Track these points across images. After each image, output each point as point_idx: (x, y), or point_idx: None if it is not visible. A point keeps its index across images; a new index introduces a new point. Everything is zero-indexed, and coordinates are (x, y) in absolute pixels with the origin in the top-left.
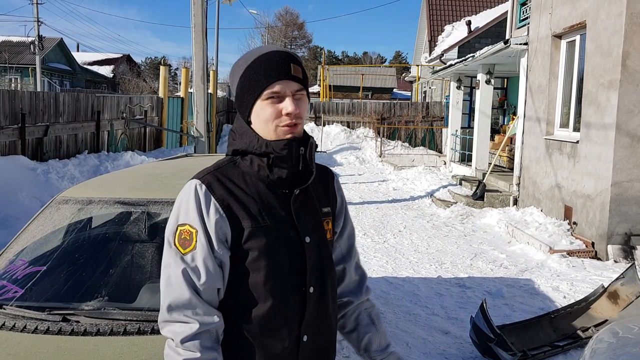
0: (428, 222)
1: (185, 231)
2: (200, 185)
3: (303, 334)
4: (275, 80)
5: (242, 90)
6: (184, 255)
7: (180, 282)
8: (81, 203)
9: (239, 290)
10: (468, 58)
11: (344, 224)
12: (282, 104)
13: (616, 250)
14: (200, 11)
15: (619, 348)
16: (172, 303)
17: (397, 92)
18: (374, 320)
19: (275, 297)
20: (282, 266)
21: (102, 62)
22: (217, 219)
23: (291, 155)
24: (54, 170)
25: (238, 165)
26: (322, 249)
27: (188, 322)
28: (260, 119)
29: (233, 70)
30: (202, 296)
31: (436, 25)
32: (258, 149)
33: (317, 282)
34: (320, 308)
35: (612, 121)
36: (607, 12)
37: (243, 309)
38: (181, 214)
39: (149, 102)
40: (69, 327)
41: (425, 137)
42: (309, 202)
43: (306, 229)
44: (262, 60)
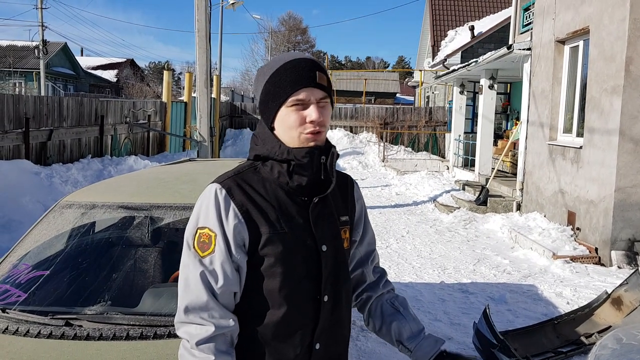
0: (431, 227)
1: (204, 234)
2: (220, 190)
3: (316, 342)
4: (301, 87)
5: (267, 96)
6: (202, 258)
7: (198, 285)
8: (84, 207)
9: (254, 295)
10: (471, 63)
11: (363, 232)
12: (307, 111)
13: (620, 256)
14: (204, 16)
15: (623, 354)
16: (189, 305)
17: (400, 97)
18: (398, 307)
19: (289, 304)
20: (297, 273)
21: (106, 67)
22: (235, 223)
23: (312, 163)
24: (58, 175)
25: (258, 171)
26: (339, 258)
27: (204, 324)
28: (284, 126)
29: (258, 75)
30: (219, 299)
31: (439, 30)
32: (279, 155)
33: (332, 290)
34: (334, 316)
35: (616, 127)
36: (610, 18)
37: (257, 314)
38: (201, 217)
39: (153, 107)
40: (71, 331)
41: (428, 142)
42: (328, 210)
43: (323, 237)
44: (288, 67)
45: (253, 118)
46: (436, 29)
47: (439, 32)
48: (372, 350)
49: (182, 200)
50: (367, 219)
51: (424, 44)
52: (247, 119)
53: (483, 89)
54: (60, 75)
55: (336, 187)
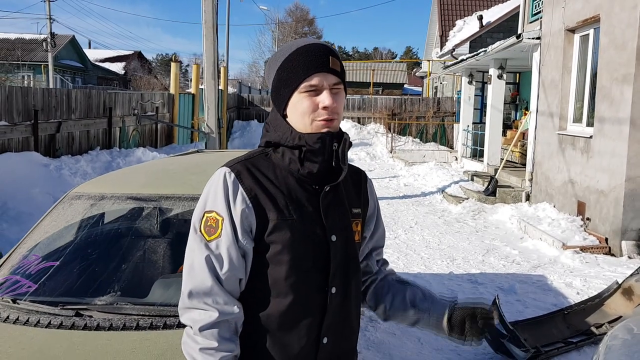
0: (439, 218)
1: (211, 218)
2: (229, 174)
3: (323, 336)
4: (314, 72)
5: (279, 82)
6: (208, 242)
7: (203, 269)
8: (94, 199)
9: (259, 283)
10: (480, 53)
11: (375, 228)
12: (320, 97)
13: (630, 246)
14: (211, 7)
15: (634, 345)
16: (193, 289)
17: (408, 87)
18: (406, 281)
19: (295, 294)
20: (304, 262)
21: (114, 59)
22: (243, 208)
23: (324, 149)
24: (67, 167)
25: (269, 157)
26: (349, 250)
27: (207, 309)
28: (296, 112)
29: (270, 62)
30: (223, 285)
31: (447, 20)
32: (291, 141)
33: (341, 283)
34: (343, 310)
35: (627, 116)
36: (621, 5)
37: (262, 302)
38: (209, 200)
39: (160, 99)
40: (81, 322)
41: (436, 133)
42: (339, 200)
43: (333, 227)
44: (300, 53)
45: (260, 110)
46: (444, 19)
47: (447, 22)
48: (380, 341)
49: (191, 191)
50: (380, 217)
51: (432, 34)
52: (254, 110)
53: (492, 79)
54: (69, 68)
55: (349, 179)
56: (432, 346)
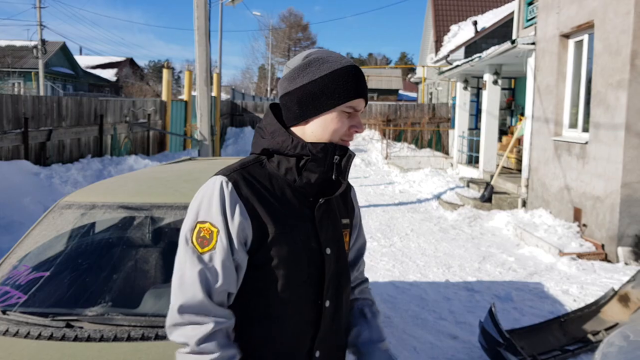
0: (435, 225)
1: (205, 229)
2: (227, 183)
3: (316, 349)
4: (361, 96)
5: (323, 89)
6: (201, 255)
7: (194, 283)
8: (84, 208)
9: (254, 296)
10: (475, 58)
11: (357, 236)
12: (354, 120)
13: (627, 252)
14: (204, 13)
15: (631, 352)
16: (184, 304)
17: (403, 93)
18: (367, 314)
19: (289, 307)
20: (300, 276)
21: (105, 66)
22: (241, 220)
23: (325, 159)
24: (57, 175)
25: (265, 166)
26: (340, 262)
27: (201, 322)
28: (328, 126)
29: (312, 62)
30: (214, 299)
31: (442, 26)
32: (292, 149)
33: (334, 296)
34: (335, 323)
35: (622, 121)
36: (615, 11)
37: (255, 316)
38: (202, 210)
39: (153, 106)
40: (72, 333)
41: (431, 139)
42: (332, 212)
43: (327, 240)
44: (351, 72)
45: (254, 116)
46: (439, 25)
47: (441, 27)
48: None
49: (184, 200)
50: (361, 225)
51: (426, 39)
52: (248, 117)
53: (487, 85)
54: (59, 74)
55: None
56: (428, 355)
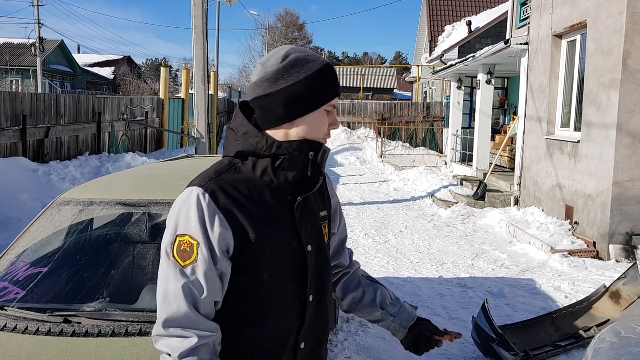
0: (429, 222)
1: (185, 242)
2: (204, 195)
3: (301, 342)
4: (339, 94)
5: (310, 90)
6: (183, 268)
7: (178, 297)
8: (83, 204)
9: (239, 300)
10: (469, 58)
11: (339, 221)
12: (331, 117)
13: (618, 250)
14: (201, 12)
15: (622, 348)
16: (169, 318)
17: (398, 92)
18: (374, 279)
19: (275, 308)
20: (283, 276)
21: (103, 64)
22: (221, 230)
23: (301, 157)
24: (55, 172)
25: (239, 170)
26: (321, 256)
27: (186, 336)
28: (313, 126)
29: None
30: (200, 311)
31: (436, 26)
32: (267, 150)
33: (317, 290)
34: (318, 315)
35: (614, 121)
36: (607, 12)
37: (243, 319)
38: (180, 224)
39: (150, 104)
40: (70, 328)
41: (426, 138)
42: (310, 209)
43: (308, 237)
44: (331, 71)
45: None
46: (433, 25)
47: (436, 27)
48: (370, 346)
49: None
50: (341, 210)
51: (421, 39)
52: None
53: (481, 84)
54: (57, 72)
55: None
56: None
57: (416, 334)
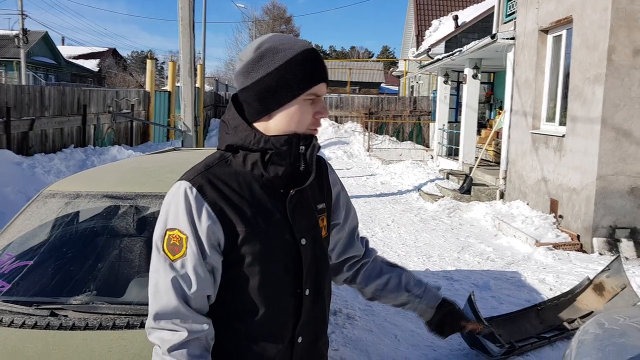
0: (416, 215)
1: (174, 236)
2: (191, 188)
3: (298, 336)
4: (320, 81)
5: (281, 81)
6: (173, 262)
7: (168, 291)
8: (68, 197)
9: (232, 295)
10: (455, 53)
11: (346, 212)
12: (317, 106)
13: (601, 242)
14: (188, 4)
15: (605, 339)
16: (159, 311)
17: (385, 86)
18: (395, 264)
19: (269, 302)
20: (277, 270)
21: (88, 56)
22: (209, 224)
23: (290, 151)
24: (40, 165)
25: (230, 164)
26: (317, 250)
27: (176, 330)
28: (292, 118)
29: (264, 54)
30: (191, 304)
31: (423, 20)
32: (255, 144)
33: (313, 283)
34: (315, 308)
35: (598, 115)
36: (593, 7)
37: (236, 313)
38: (170, 218)
39: (136, 96)
40: (57, 321)
41: (412, 132)
42: (305, 202)
43: (302, 230)
44: (306, 57)
45: None
46: (420, 19)
47: (423, 21)
48: (358, 338)
49: (168, 190)
50: (347, 198)
51: (408, 33)
52: None
53: (467, 79)
54: (41, 64)
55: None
56: (409, 342)
57: (442, 314)
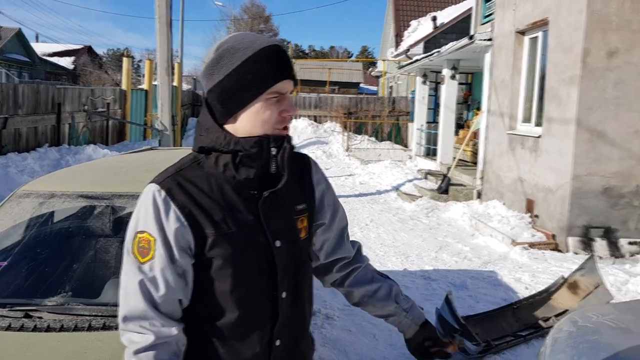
0: (394, 215)
1: (143, 239)
2: (159, 192)
3: (275, 339)
4: (282, 78)
5: (238, 83)
6: (141, 265)
7: (136, 294)
8: (43, 197)
9: (206, 298)
10: (433, 53)
11: (333, 211)
12: (283, 104)
13: (576, 242)
14: (165, 2)
15: (579, 336)
16: (127, 314)
17: (364, 86)
18: (386, 275)
19: (243, 305)
20: (249, 273)
21: (63, 54)
22: (177, 227)
23: (261, 153)
24: (13, 164)
25: (202, 166)
26: (295, 252)
27: (144, 333)
28: (256, 119)
29: (222, 55)
30: (159, 308)
31: (402, 21)
32: (225, 146)
33: (290, 285)
34: (295, 311)
35: (573, 116)
36: (568, 9)
37: (210, 316)
38: (140, 220)
39: (112, 95)
40: (31, 323)
41: (391, 132)
42: (280, 203)
43: (276, 232)
44: (266, 54)
45: None
46: (399, 19)
47: (402, 22)
48: (336, 338)
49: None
50: (334, 198)
51: (387, 33)
52: None
53: (445, 79)
54: (14, 62)
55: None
56: (387, 342)
57: (424, 336)
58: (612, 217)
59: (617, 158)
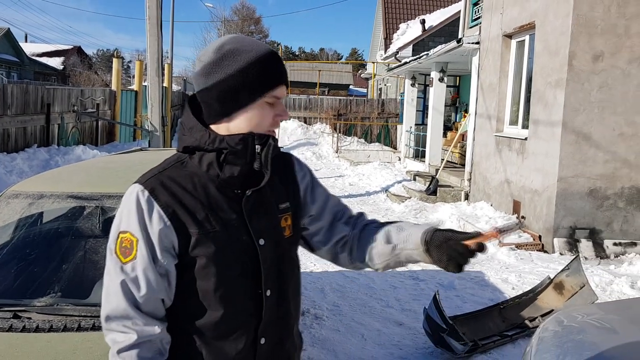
0: (383, 216)
1: (126, 239)
2: (143, 192)
3: (260, 337)
4: (281, 83)
5: (242, 83)
6: (123, 265)
7: (117, 293)
8: (32, 197)
9: (189, 297)
10: (422, 56)
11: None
12: (277, 109)
13: (562, 243)
14: (155, 3)
15: (565, 336)
16: (109, 314)
17: (354, 88)
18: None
19: (227, 304)
20: (232, 272)
21: (52, 54)
22: (161, 227)
23: (246, 151)
24: (2, 165)
25: (186, 165)
26: (279, 250)
27: (127, 332)
28: (252, 120)
29: (226, 55)
30: (141, 308)
31: (391, 23)
32: (210, 144)
33: (275, 284)
34: (280, 309)
35: (559, 119)
36: (555, 13)
37: (194, 315)
38: (123, 221)
39: (102, 95)
40: (20, 323)
41: (380, 134)
42: (263, 201)
43: (260, 231)
44: (268, 59)
45: None
46: (388, 22)
47: (391, 25)
48: (325, 338)
49: None
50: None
51: (376, 36)
52: None
53: (433, 82)
54: (3, 62)
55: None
56: (375, 341)
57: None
58: (598, 218)
59: (602, 160)
